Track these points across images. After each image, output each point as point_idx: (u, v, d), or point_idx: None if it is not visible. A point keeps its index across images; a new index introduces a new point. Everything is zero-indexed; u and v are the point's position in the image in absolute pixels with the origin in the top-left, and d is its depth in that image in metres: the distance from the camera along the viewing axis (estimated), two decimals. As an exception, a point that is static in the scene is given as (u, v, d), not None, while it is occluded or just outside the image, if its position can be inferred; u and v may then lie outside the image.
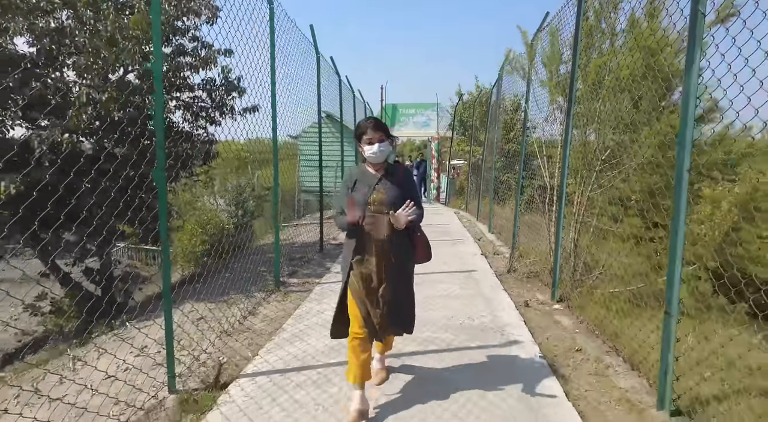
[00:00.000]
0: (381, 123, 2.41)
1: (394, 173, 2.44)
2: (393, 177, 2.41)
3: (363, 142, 2.37)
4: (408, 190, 2.41)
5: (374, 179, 2.39)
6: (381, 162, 2.41)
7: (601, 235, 4.57)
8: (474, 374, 2.90)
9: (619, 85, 3.63)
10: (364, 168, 2.47)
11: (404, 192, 2.38)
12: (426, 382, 2.79)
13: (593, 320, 3.87)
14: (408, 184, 2.45)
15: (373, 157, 2.36)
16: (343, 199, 2.42)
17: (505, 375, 2.89)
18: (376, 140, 2.33)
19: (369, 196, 2.34)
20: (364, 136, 2.36)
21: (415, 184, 2.60)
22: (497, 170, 9.38)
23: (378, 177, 2.39)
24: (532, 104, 6.10)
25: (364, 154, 2.40)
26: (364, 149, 2.38)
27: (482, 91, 15.53)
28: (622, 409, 2.60)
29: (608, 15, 4.06)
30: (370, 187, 2.36)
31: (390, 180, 2.39)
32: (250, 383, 2.78)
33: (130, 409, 2.54)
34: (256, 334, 3.65)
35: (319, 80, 6.89)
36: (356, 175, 2.44)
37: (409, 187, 2.44)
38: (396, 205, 2.30)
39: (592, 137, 4.29)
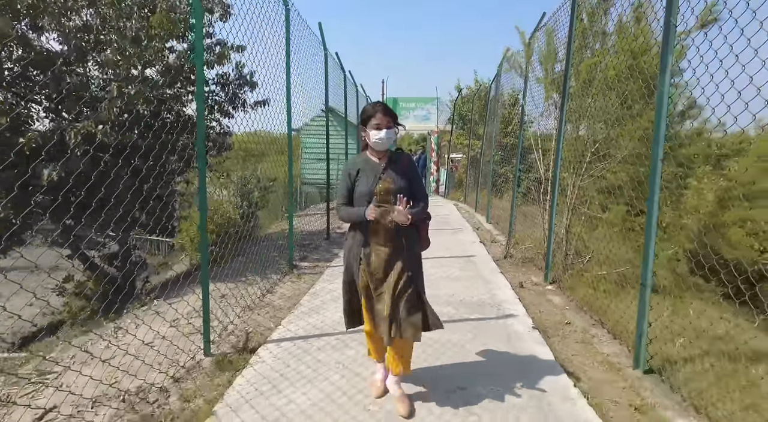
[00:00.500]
0: (390, 109, 2.29)
1: (398, 161, 2.33)
2: (397, 165, 2.31)
3: (370, 126, 2.24)
4: (413, 179, 2.34)
5: (379, 168, 2.28)
6: (385, 149, 2.31)
7: (591, 222, 4.95)
8: (473, 338, 3.28)
9: (607, 84, 3.98)
10: (367, 156, 2.35)
11: (410, 181, 2.31)
12: (432, 342, 3.17)
13: (582, 298, 4.26)
14: (413, 172, 2.35)
15: (379, 143, 2.24)
16: (344, 189, 2.32)
17: (501, 341, 3.27)
18: (384, 125, 2.21)
19: (375, 186, 2.23)
20: (371, 120, 2.23)
21: (419, 172, 2.55)
22: (495, 163, 9.74)
23: (382, 166, 2.28)
24: (529, 100, 6.45)
25: (368, 140, 2.28)
26: (369, 135, 2.25)
27: (481, 86, 15.83)
28: (603, 369, 2.99)
29: (599, 19, 4.40)
30: (376, 176, 2.25)
31: (395, 169, 2.29)
32: (276, 347, 3.15)
33: (172, 368, 2.91)
34: (276, 309, 4.02)
35: (327, 75, 7.21)
36: (359, 164, 2.31)
37: (414, 175, 2.35)
38: (403, 194, 2.20)
39: (584, 131, 4.65)
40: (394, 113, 2.29)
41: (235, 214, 10.31)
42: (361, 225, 2.30)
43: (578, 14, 4.67)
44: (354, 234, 2.35)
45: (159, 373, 2.81)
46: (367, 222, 2.25)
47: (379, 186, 2.23)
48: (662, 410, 2.49)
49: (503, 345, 3.20)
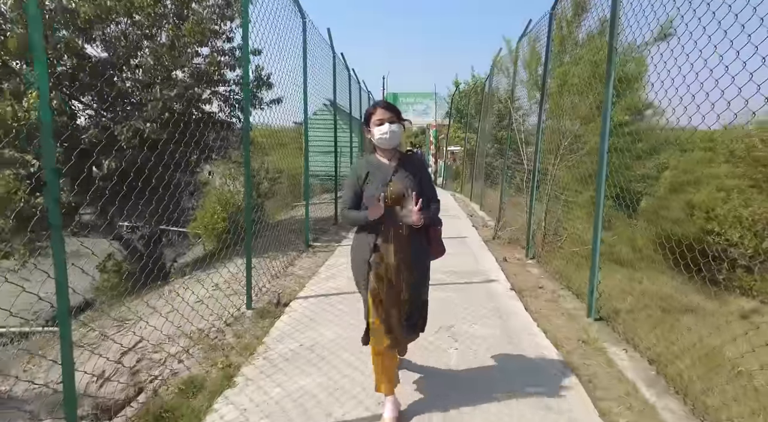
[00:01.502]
0: (392, 105, 2.20)
1: (409, 163, 2.21)
2: (409, 167, 2.19)
3: (372, 124, 2.14)
4: (424, 181, 2.22)
5: (389, 170, 2.15)
6: (393, 147, 2.19)
7: (567, 206, 5.72)
8: (460, 295, 4.07)
9: (575, 88, 4.74)
10: (375, 159, 2.22)
11: (421, 183, 2.19)
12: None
13: (556, 269, 5.04)
14: (424, 174, 2.25)
15: (385, 139, 2.12)
16: (351, 193, 2.20)
17: (483, 297, 4.07)
18: (386, 120, 2.10)
19: (385, 189, 2.09)
20: (373, 117, 2.14)
21: (430, 175, 2.45)
22: (490, 156, 10.51)
23: (392, 167, 2.16)
24: (517, 98, 7.20)
25: (373, 139, 2.17)
26: (373, 133, 2.14)
27: (477, 81, 16.54)
28: (564, 318, 3.78)
29: (571, 32, 5.14)
30: (385, 178, 2.12)
31: (406, 170, 2.17)
32: (304, 301, 3.95)
33: (222, 318, 3.69)
34: (299, 277, 4.81)
35: (335, 74, 7.93)
36: (367, 167, 2.18)
37: (425, 178, 2.25)
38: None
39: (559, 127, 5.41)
40: (396, 109, 2.19)
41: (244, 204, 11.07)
42: (367, 230, 2.18)
43: (557, 23, 5.41)
44: (359, 240, 2.23)
45: (214, 321, 3.59)
46: (374, 227, 2.13)
47: (389, 189, 2.09)
48: (602, 343, 3.28)
49: (484, 300, 4.00)
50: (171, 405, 2.43)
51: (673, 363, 2.86)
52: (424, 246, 2.27)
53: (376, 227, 2.14)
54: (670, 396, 2.59)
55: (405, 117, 2.24)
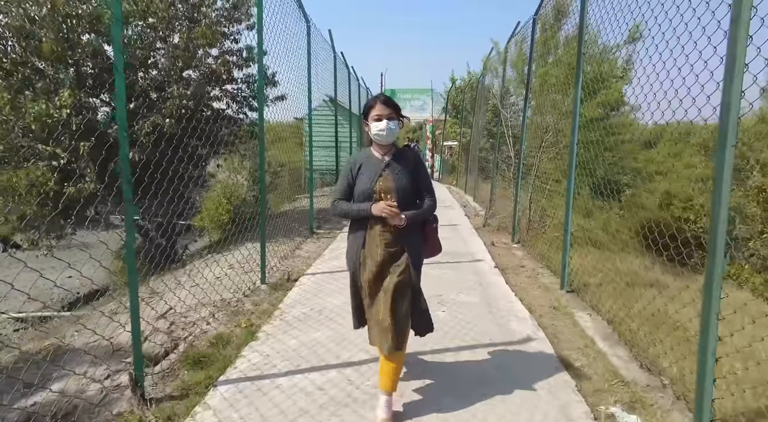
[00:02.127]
0: (392, 100, 2.19)
1: (403, 158, 2.20)
2: (402, 162, 2.17)
3: (370, 118, 2.14)
4: (419, 177, 2.20)
5: (381, 164, 2.15)
6: (389, 143, 2.18)
7: (550, 195, 6.24)
8: (449, 272, 4.60)
9: (555, 87, 5.24)
10: (370, 152, 2.23)
11: (415, 179, 2.17)
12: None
13: (538, 252, 5.57)
14: (419, 169, 2.22)
15: (381, 135, 2.12)
16: (344, 185, 2.20)
17: (470, 273, 4.59)
18: (385, 116, 2.10)
19: (375, 183, 2.11)
20: (372, 112, 2.13)
21: (427, 170, 2.54)
22: (485, 151, 11.02)
23: (385, 162, 2.16)
24: (509, 93, 7.70)
25: (370, 133, 2.17)
26: (371, 127, 2.15)
27: (472, 78, 16.99)
28: (540, 290, 4.31)
29: (553, 34, 5.63)
30: (376, 173, 2.13)
31: (399, 165, 2.16)
32: (311, 277, 4.46)
33: (240, 291, 4.20)
34: (305, 259, 5.32)
35: (336, 72, 8.41)
36: (360, 160, 2.20)
37: (420, 173, 2.22)
38: (406, 193, 2.12)
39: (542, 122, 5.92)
40: (395, 104, 2.18)
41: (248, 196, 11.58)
42: (358, 227, 2.19)
43: (541, 26, 5.91)
44: (352, 237, 2.25)
45: (233, 293, 4.10)
46: (366, 223, 2.16)
47: (379, 184, 2.11)
48: (570, 309, 3.81)
49: (471, 276, 4.52)
50: (205, 353, 2.94)
51: (626, 322, 3.39)
52: (417, 241, 2.22)
53: (366, 223, 2.15)
54: (620, 347, 3.13)
55: (403, 113, 2.25)
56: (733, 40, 1.92)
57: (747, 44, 1.90)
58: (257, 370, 2.69)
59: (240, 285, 4.26)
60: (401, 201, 2.09)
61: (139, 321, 2.37)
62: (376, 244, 2.13)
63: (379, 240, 2.13)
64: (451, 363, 2.79)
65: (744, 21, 1.88)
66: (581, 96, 3.98)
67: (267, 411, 2.27)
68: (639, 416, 2.33)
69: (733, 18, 1.93)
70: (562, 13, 5.45)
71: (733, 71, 1.92)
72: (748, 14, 1.88)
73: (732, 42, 1.92)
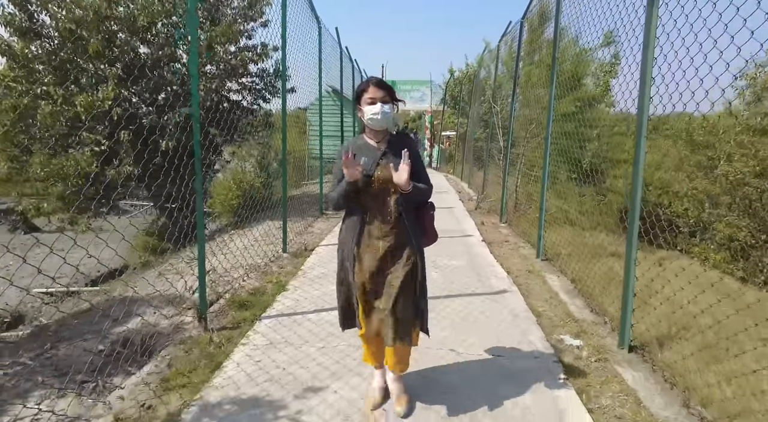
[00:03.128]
0: (385, 82, 2.07)
1: (399, 145, 2.07)
2: (399, 149, 2.02)
3: (363, 102, 2.02)
4: (416, 166, 2.07)
5: (377, 152, 2.05)
6: (383, 128, 2.07)
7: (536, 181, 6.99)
8: (443, 245, 5.36)
9: (537, 84, 5.95)
10: (363, 140, 2.12)
11: (413, 167, 2.02)
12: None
13: (521, 230, 6.33)
14: (415, 157, 2.07)
15: (375, 120, 2.00)
16: (339, 175, 2.06)
17: (460, 246, 5.36)
18: (378, 99, 1.98)
19: (373, 171, 2.00)
20: (364, 95, 2.01)
21: (422, 159, 2.33)
22: (481, 140, 11.73)
23: (381, 149, 2.06)
24: (499, 86, 8.40)
25: (363, 118, 2.05)
26: (363, 111, 2.02)
27: (470, 70, 17.62)
28: (519, 259, 5.08)
29: (538, 36, 6.32)
30: (374, 160, 2.02)
31: (396, 153, 2.04)
32: (325, 248, 5.23)
33: (267, 257, 4.96)
34: (317, 234, 6.08)
35: (342, 68, 9.08)
36: (354, 149, 2.06)
37: (416, 161, 2.08)
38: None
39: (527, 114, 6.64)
40: (389, 87, 2.06)
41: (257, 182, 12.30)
42: (354, 220, 2.09)
43: (529, 26, 6.60)
44: (347, 228, 2.13)
45: (261, 259, 4.86)
46: (362, 216, 2.06)
47: (376, 173, 2.01)
48: (542, 272, 4.58)
49: (461, 247, 5.30)
50: (247, 299, 3.71)
51: (585, 281, 4.16)
52: (417, 233, 2.15)
53: (362, 213, 2.06)
54: (578, 298, 3.91)
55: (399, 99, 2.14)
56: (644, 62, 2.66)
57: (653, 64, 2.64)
58: (291, 310, 3.46)
59: (266, 253, 5.03)
60: (399, 190, 2.00)
61: (205, 266, 3.13)
62: (376, 237, 2.05)
63: (379, 233, 2.04)
64: (441, 307, 3.57)
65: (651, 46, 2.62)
66: (555, 93, 4.70)
67: (303, 333, 3.05)
68: (581, 340, 3.11)
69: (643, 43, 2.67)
70: (544, 17, 6.13)
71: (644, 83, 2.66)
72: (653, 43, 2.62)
73: (643, 64, 2.67)
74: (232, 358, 2.75)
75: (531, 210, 6.85)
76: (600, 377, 2.64)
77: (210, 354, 2.83)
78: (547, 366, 2.70)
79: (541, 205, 4.92)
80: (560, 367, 2.69)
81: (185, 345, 2.97)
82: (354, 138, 2.21)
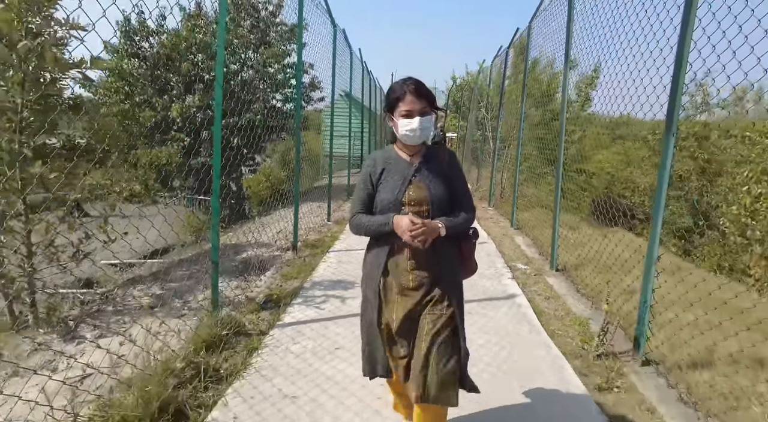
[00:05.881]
0: (425, 88, 1.66)
1: (435, 160, 1.74)
2: (435, 165, 1.72)
3: (397, 113, 1.65)
4: (457, 183, 1.75)
5: (409, 169, 1.70)
6: (420, 143, 1.71)
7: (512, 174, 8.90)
8: (444, 219, 7.31)
9: (516, 99, 7.88)
10: (394, 152, 1.76)
11: (452, 186, 1.72)
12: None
13: (504, 211, 8.25)
14: (455, 173, 1.76)
15: (411, 136, 1.64)
16: (362, 194, 1.74)
17: (457, 220, 7.30)
18: (417, 112, 1.62)
19: (403, 193, 1.67)
20: (399, 106, 1.64)
21: (464, 175, 1.87)
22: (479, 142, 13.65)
23: (414, 165, 1.71)
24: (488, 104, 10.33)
25: (396, 132, 1.68)
26: (397, 125, 1.66)
27: (470, 78, 19.54)
28: (498, 228, 7.00)
29: (520, 61, 8.24)
30: (405, 179, 1.68)
31: (432, 169, 1.71)
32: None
33: (317, 224, 6.88)
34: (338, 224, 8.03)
35: (352, 71, 10.92)
36: (382, 163, 1.73)
37: (457, 178, 1.76)
38: (442, 204, 1.68)
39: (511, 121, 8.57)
40: (430, 94, 1.67)
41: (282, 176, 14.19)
42: (381, 245, 1.74)
43: (515, 51, 8.52)
44: (372, 258, 1.79)
45: (313, 225, 6.78)
46: (390, 243, 1.70)
47: (409, 193, 1.67)
48: (514, 236, 6.51)
49: (457, 220, 7.24)
50: (314, 243, 5.63)
51: (540, 238, 6.06)
52: (454, 264, 1.80)
53: (391, 242, 1.70)
54: (534, 247, 5.83)
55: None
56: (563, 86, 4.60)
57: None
58: (347, 248, 5.42)
59: (316, 221, 6.96)
60: (436, 215, 1.67)
61: (298, 213, 5.07)
62: (405, 269, 1.71)
63: (408, 265, 1.70)
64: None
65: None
66: (532, 105, 6.63)
67: (359, 258, 4.99)
68: (528, 267, 5.04)
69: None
70: (523, 48, 8.05)
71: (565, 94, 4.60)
72: (567, 87, 4.55)
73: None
74: (318, 267, 4.69)
75: (512, 197, 8.78)
76: (535, 281, 4.57)
77: (305, 265, 4.78)
78: (502, 274, 4.63)
79: (515, 191, 6.85)
80: (511, 277, 4.62)
81: (287, 263, 4.91)
82: (382, 149, 1.84)
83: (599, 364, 2.89)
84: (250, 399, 2.37)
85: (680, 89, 2.66)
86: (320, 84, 10.08)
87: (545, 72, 7.64)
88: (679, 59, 2.64)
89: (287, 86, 9.87)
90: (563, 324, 3.52)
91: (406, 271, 1.71)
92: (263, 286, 4.16)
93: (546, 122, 7.21)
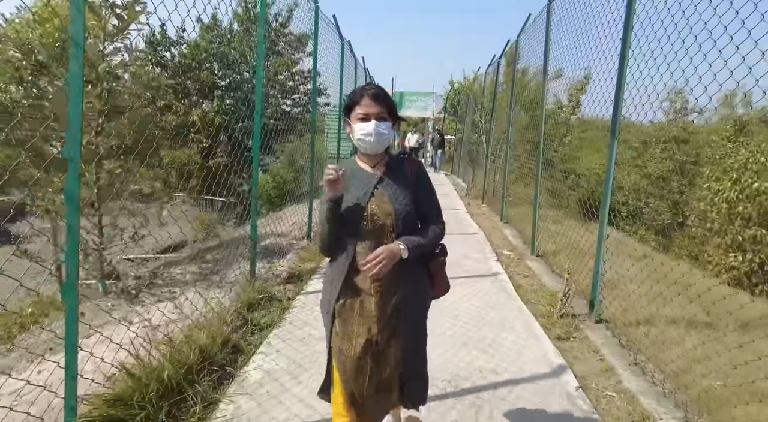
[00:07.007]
0: (384, 93, 1.57)
1: (400, 170, 1.62)
2: (400, 176, 1.60)
3: (353, 117, 1.54)
4: (424, 195, 1.64)
5: (372, 180, 1.57)
6: (379, 152, 1.59)
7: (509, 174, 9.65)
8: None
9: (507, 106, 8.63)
10: (355, 163, 1.64)
11: (419, 199, 1.62)
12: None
13: (495, 208, 8.99)
14: (423, 185, 1.65)
15: (368, 143, 1.53)
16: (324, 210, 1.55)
17: (451, 216, 8.04)
18: (373, 116, 1.51)
19: (366, 204, 1.53)
20: (356, 108, 1.54)
21: (434, 188, 1.74)
22: (473, 145, 14.41)
23: (377, 176, 1.58)
24: (482, 110, 11.09)
25: (353, 138, 1.58)
26: (353, 129, 1.55)
27: (467, 82, 20.33)
28: (489, 222, 7.74)
29: (510, 71, 9.00)
30: (367, 190, 1.55)
31: (396, 180, 1.59)
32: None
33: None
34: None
35: (356, 77, 11.70)
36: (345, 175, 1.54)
37: (424, 190, 1.66)
38: (408, 217, 1.56)
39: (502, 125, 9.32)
40: (390, 100, 1.58)
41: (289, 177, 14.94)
42: (338, 263, 1.59)
43: (507, 60, 9.27)
44: (331, 275, 1.64)
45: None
46: (349, 258, 1.55)
47: (371, 206, 1.54)
48: (503, 228, 7.25)
49: (452, 217, 7.98)
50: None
51: (525, 230, 6.80)
52: (422, 285, 1.67)
53: (352, 260, 1.54)
54: (519, 238, 6.57)
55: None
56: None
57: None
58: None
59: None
60: (401, 229, 1.54)
61: (312, 205, 5.80)
62: (367, 292, 1.54)
63: (370, 287, 1.53)
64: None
65: (543, 100, 5.31)
66: (515, 111, 7.38)
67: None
68: (512, 253, 5.77)
69: (540, 98, 5.35)
70: (512, 59, 8.81)
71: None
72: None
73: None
74: (330, 252, 5.41)
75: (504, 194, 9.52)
76: (516, 264, 5.31)
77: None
78: (489, 258, 5.37)
79: (503, 188, 7.60)
80: (496, 260, 5.35)
81: (303, 249, 5.64)
82: (346, 160, 1.74)
83: (561, 322, 3.62)
84: (288, 340, 3.11)
85: (621, 101, 3.40)
86: (326, 90, 10.81)
87: (533, 80, 8.41)
88: (620, 80, 3.38)
89: (296, 92, 10.61)
90: (536, 295, 4.26)
91: (367, 294, 1.55)
92: (285, 267, 4.89)
93: (533, 126, 7.95)
